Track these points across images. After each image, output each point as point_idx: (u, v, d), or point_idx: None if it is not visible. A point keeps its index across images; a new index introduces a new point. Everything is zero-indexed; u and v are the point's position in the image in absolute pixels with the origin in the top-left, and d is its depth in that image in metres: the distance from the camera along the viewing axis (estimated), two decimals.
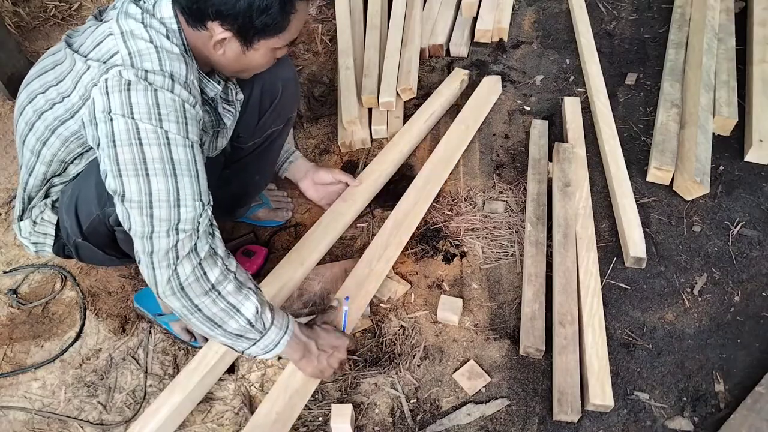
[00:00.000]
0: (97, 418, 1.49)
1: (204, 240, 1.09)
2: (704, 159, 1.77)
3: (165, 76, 1.06)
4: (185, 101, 1.09)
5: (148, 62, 1.06)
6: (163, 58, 1.08)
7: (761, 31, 2.07)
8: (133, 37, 1.08)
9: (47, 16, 2.60)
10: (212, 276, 1.11)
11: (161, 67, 1.07)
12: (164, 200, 1.04)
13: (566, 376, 1.39)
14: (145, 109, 1.03)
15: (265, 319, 1.21)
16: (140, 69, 1.05)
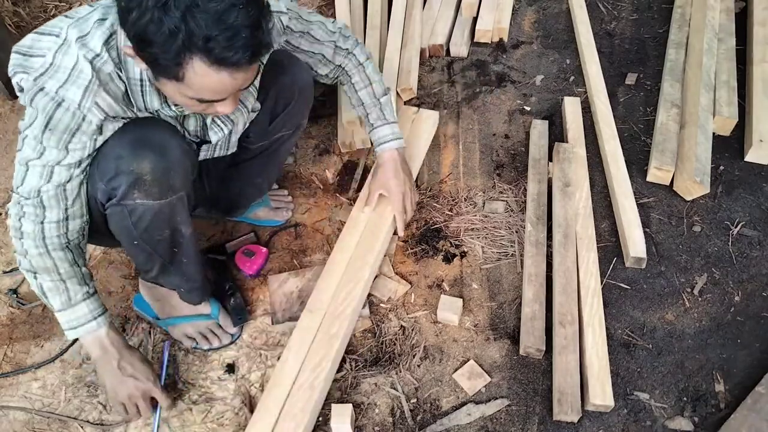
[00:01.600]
0: (97, 418, 1.49)
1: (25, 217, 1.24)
2: (704, 159, 1.77)
3: (53, 100, 1.10)
4: (63, 129, 1.13)
5: (54, 81, 1.10)
6: (68, 81, 1.10)
7: (761, 31, 2.07)
8: (64, 53, 1.10)
9: (47, 16, 2.60)
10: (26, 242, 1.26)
11: (57, 90, 1.10)
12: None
13: (566, 376, 1.39)
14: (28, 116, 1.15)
15: (72, 291, 1.30)
16: (38, 86, 1.10)
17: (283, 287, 1.64)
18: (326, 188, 1.92)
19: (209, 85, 1.05)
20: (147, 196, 1.23)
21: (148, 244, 1.34)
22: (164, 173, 1.22)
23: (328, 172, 1.96)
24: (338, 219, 1.83)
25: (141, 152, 1.19)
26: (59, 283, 1.29)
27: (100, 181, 1.22)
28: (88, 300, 1.33)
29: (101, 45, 1.10)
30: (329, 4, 2.51)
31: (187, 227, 1.37)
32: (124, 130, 1.20)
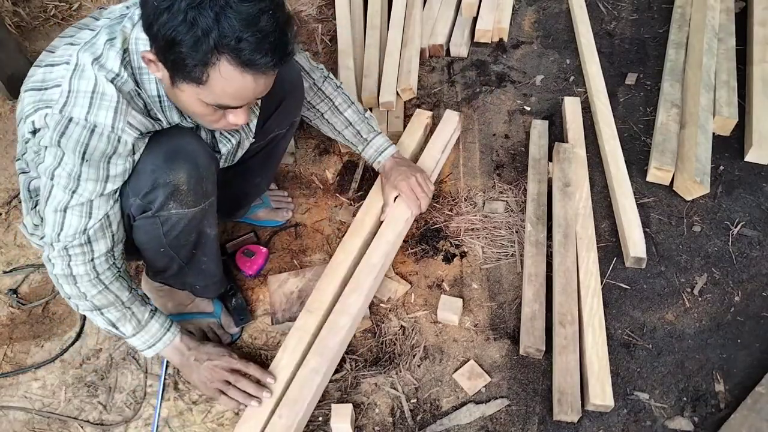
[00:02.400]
0: (97, 418, 1.49)
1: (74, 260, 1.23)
2: (704, 159, 1.77)
3: (85, 128, 1.09)
4: (101, 154, 1.12)
5: (78, 107, 1.09)
6: (93, 105, 1.09)
7: (761, 31, 2.07)
8: (79, 78, 1.10)
9: (47, 16, 2.60)
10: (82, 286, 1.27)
11: (87, 117, 1.09)
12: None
13: (566, 376, 1.40)
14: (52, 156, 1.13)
15: (138, 313, 1.33)
16: (66, 117, 1.08)
17: (283, 287, 1.64)
18: (326, 188, 1.92)
19: (232, 88, 1.05)
20: (183, 205, 1.24)
21: (173, 249, 1.35)
22: (198, 181, 1.24)
23: (328, 172, 1.96)
24: (338, 219, 1.83)
25: (175, 164, 1.19)
26: (125, 311, 1.31)
27: (135, 197, 1.21)
28: (156, 316, 1.36)
29: (119, 65, 1.10)
30: (329, 4, 2.51)
31: (212, 229, 1.39)
32: (154, 144, 1.20)
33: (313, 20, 2.48)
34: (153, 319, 1.35)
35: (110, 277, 1.28)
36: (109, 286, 1.28)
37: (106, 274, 1.27)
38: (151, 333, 1.35)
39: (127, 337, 1.34)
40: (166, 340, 1.37)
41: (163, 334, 1.36)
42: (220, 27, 0.97)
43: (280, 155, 1.70)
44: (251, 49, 1.00)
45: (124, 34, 1.12)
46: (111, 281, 1.28)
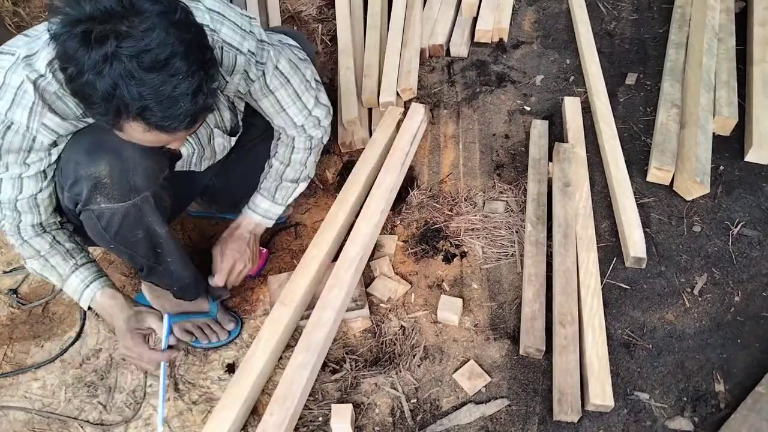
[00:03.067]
0: (97, 418, 1.49)
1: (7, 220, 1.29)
2: (704, 159, 1.77)
3: (2, 123, 1.11)
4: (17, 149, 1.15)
5: (3, 102, 1.10)
6: (15, 102, 1.10)
7: (761, 31, 2.07)
8: (13, 72, 1.10)
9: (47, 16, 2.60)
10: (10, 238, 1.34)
11: (6, 112, 1.10)
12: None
13: (566, 376, 1.39)
14: None
15: (58, 267, 1.35)
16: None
17: (283, 287, 1.64)
18: (326, 188, 1.92)
19: (149, 140, 1.06)
20: (109, 199, 1.24)
21: (124, 246, 1.34)
22: (122, 175, 1.22)
23: (328, 172, 1.96)
24: None
25: (97, 156, 1.20)
26: (45, 262, 1.35)
27: (63, 188, 1.24)
28: (77, 272, 1.36)
29: (45, 65, 1.08)
30: (329, 4, 2.51)
31: (161, 227, 1.36)
32: (80, 136, 1.20)
33: (313, 20, 2.48)
34: (73, 274, 1.35)
35: (30, 234, 1.32)
36: (27, 240, 1.32)
37: (28, 231, 1.31)
38: (73, 287, 1.36)
39: (61, 287, 1.38)
40: (86, 297, 1.36)
41: (83, 291, 1.36)
42: (121, 94, 0.95)
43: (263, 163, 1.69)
44: (159, 117, 0.98)
45: None
46: (31, 237, 1.32)
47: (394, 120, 1.94)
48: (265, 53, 1.31)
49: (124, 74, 0.93)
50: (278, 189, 1.59)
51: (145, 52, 0.93)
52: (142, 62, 0.93)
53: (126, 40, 0.92)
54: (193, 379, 1.54)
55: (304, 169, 1.60)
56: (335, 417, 1.38)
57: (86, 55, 0.93)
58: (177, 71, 0.96)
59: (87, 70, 0.94)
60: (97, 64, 0.93)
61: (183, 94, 0.97)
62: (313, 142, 1.56)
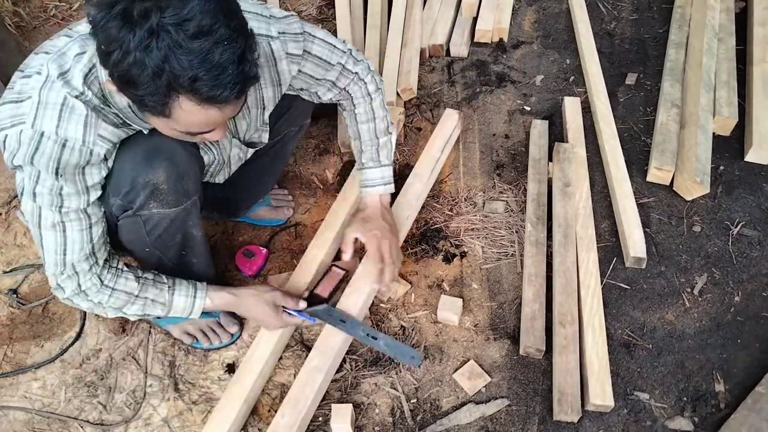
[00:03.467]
0: (97, 418, 1.49)
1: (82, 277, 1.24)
2: (704, 159, 1.77)
3: (57, 142, 1.07)
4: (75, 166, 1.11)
5: (48, 120, 1.07)
6: (62, 118, 1.07)
7: (761, 31, 2.07)
8: (49, 89, 1.07)
9: (47, 16, 2.60)
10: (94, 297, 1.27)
11: (57, 130, 1.07)
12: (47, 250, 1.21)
13: (566, 376, 1.39)
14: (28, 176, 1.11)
15: (158, 297, 1.33)
16: (37, 132, 1.06)
17: (283, 287, 1.64)
18: (326, 188, 1.92)
19: (197, 120, 1.03)
20: (164, 204, 1.24)
21: (159, 249, 1.35)
22: (178, 180, 1.23)
23: (328, 172, 1.96)
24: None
25: (154, 162, 1.19)
26: (144, 300, 1.31)
27: (115, 197, 1.20)
28: (177, 291, 1.35)
29: (81, 83, 1.07)
30: (329, 4, 2.51)
31: (198, 230, 1.38)
32: (132, 144, 1.18)
33: (313, 20, 2.48)
34: (175, 295, 1.35)
35: (113, 280, 1.27)
36: (115, 287, 1.27)
37: (107, 278, 1.26)
38: (181, 307, 1.36)
39: (165, 315, 1.36)
40: (198, 307, 1.37)
41: (193, 303, 1.37)
42: (172, 68, 0.92)
43: (288, 154, 1.70)
44: (209, 87, 0.95)
45: (95, 47, 1.07)
46: (115, 282, 1.27)
47: (394, 120, 1.94)
48: (294, 25, 1.28)
49: (172, 45, 0.91)
50: (379, 150, 1.53)
51: (189, 20, 0.91)
52: (187, 30, 0.90)
53: (167, 10, 0.90)
54: (193, 379, 1.54)
55: (387, 114, 1.54)
56: (335, 417, 1.38)
57: (131, 33, 0.90)
58: (221, 37, 0.93)
59: (134, 49, 0.91)
60: (143, 40, 0.90)
61: (229, 60, 0.95)
62: (377, 79, 1.49)
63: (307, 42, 1.31)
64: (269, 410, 1.46)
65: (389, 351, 1.46)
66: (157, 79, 0.93)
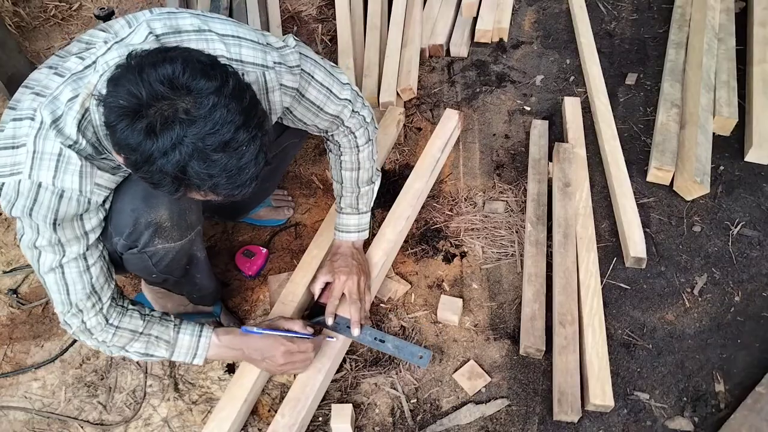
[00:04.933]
0: (97, 418, 1.49)
1: (86, 315, 1.21)
2: (704, 159, 1.77)
3: (54, 193, 1.06)
4: (72, 216, 1.10)
5: (45, 170, 1.04)
6: (59, 169, 1.05)
7: (761, 31, 2.07)
8: (44, 138, 1.04)
9: (47, 16, 2.60)
10: (98, 336, 1.25)
11: (53, 181, 1.05)
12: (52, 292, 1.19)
13: (566, 376, 1.39)
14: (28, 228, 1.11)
15: (163, 335, 1.29)
16: (35, 183, 1.05)
17: (283, 287, 1.64)
18: (326, 188, 1.92)
19: (212, 198, 1.03)
20: (168, 240, 1.24)
21: (165, 273, 1.35)
22: (181, 215, 1.23)
23: (328, 172, 1.96)
24: None
25: (155, 201, 1.18)
26: (147, 338, 1.28)
27: (118, 236, 1.20)
28: (182, 329, 1.30)
29: (75, 131, 1.04)
30: (329, 4, 2.51)
31: (202, 252, 1.39)
32: (131, 183, 1.17)
33: (313, 20, 2.48)
34: (180, 333, 1.30)
35: (117, 318, 1.25)
36: (119, 325, 1.24)
37: (113, 317, 1.24)
38: (186, 346, 1.30)
39: (168, 359, 1.31)
40: (203, 346, 1.31)
41: (198, 342, 1.31)
42: (191, 175, 0.93)
43: (289, 161, 1.71)
44: (229, 189, 0.97)
45: (88, 90, 1.05)
46: (120, 320, 1.24)
47: (394, 120, 1.94)
48: (290, 57, 1.22)
49: (192, 157, 0.92)
50: (359, 198, 1.54)
51: (211, 135, 0.91)
52: (208, 145, 0.92)
53: (192, 127, 0.91)
54: (193, 379, 1.54)
55: (373, 164, 1.52)
56: (335, 417, 1.38)
57: (153, 145, 0.90)
58: (241, 144, 0.94)
59: (155, 159, 0.92)
60: (166, 153, 0.91)
61: (248, 162, 0.96)
62: (369, 130, 1.46)
63: (303, 81, 1.26)
64: (269, 410, 1.47)
65: (398, 353, 1.47)
66: (176, 182, 0.95)
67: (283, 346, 1.34)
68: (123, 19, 1.14)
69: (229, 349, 1.34)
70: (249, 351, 1.34)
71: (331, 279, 1.51)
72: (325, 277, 1.52)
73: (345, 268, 1.50)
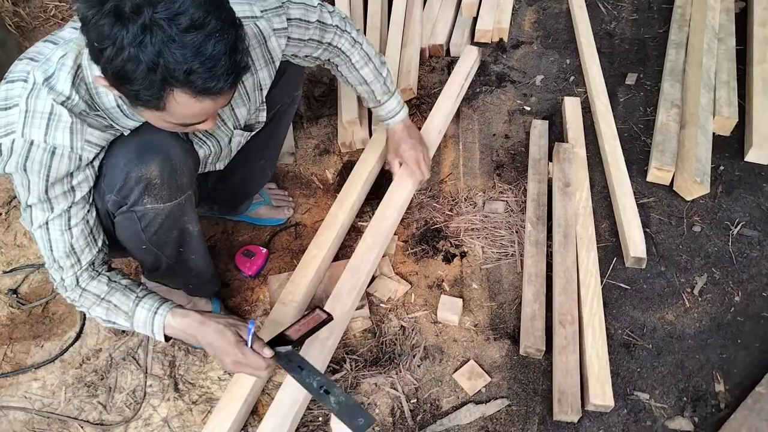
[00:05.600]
0: (97, 418, 1.49)
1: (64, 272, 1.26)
2: (704, 159, 1.77)
3: (46, 150, 1.09)
4: (64, 174, 1.13)
5: (37, 128, 1.07)
6: (50, 127, 1.08)
7: (761, 31, 2.07)
8: (36, 97, 1.07)
9: (47, 16, 2.60)
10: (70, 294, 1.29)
11: (45, 138, 1.08)
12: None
13: (566, 376, 1.40)
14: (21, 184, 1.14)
15: (122, 305, 1.29)
16: (27, 141, 1.07)
17: (283, 287, 1.64)
18: (326, 188, 1.92)
19: (191, 112, 1.04)
20: (157, 199, 1.24)
21: (156, 247, 1.34)
22: (172, 174, 1.23)
23: (328, 172, 1.96)
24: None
25: (147, 157, 1.19)
26: (108, 304, 1.29)
27: (110, 193, 1.21)
28: (141, 303, 1.30)
29: (69, 87, 1.07)
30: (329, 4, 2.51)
31: (194, 225, 1.38)
32: (126, 139, 1.19)
33: None
34: (138, 307, 1.28)
35: (87, 281, 1.28)
36: (86, 288, 1.27)
37: (83, 278, 1.27)
38: (142, 320, 1.29)
39: (131, 329, 1.32)
40: (158, 324, 1.28)
41: (153, 319, 1.28)
42: (166, 62, 0.93)
43: (283, 133, 1.68)
44: (204, 79, 0.96)
45: (79, 47, 1.08)
46: (88, 283, 1.28)
47: None
48: (274, 1, 1.31)
49: (165, 40, 0.92)
50: (386, 82, 1.65)
51: (181, 14, 0.92)
52: (179, 24, 0.92)
53: (159, 5, 0.91)
54: (193, 379, 1.54)
55: (373, 48, 1.62)
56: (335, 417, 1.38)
57: (124, 29, 0.91)
58: (213, 30, 0.95)
59: (127, 45, 0.92)
60: (136, 36, 0.91)
61: (222, 51, 0.96)
62: (350, 23, 1.53)
63: (285, 7, 1.33)
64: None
65: (338, 410, 1.23)
66: (151, 73, 0.94)
67: (232, 355, 1.27)
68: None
69: (184, 333, 1.31)
70: (202, 341, 1.30)
71: (402, 158, 1.73)
72: (395, 158, 1.75)
73: (410, 147, 1.71)
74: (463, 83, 2.06)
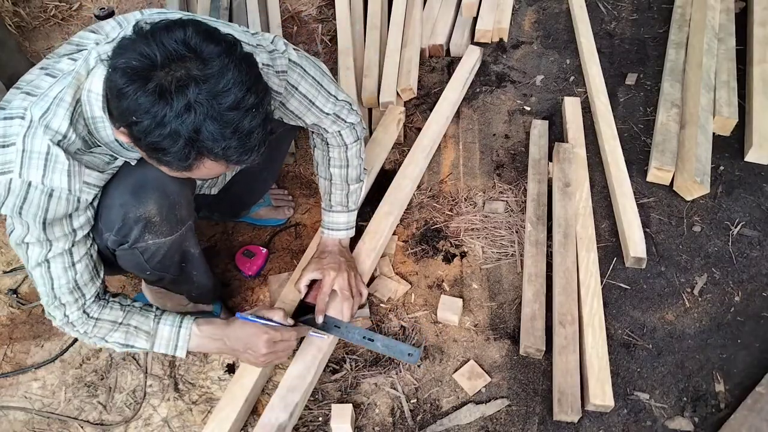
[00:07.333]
0: (97, 418, 1.49)
1: (68, 309, 1.23)
2: (704, 159, 1.77)
3: (43, 193, 1.06)
4: (62, 215, 1.10)
5: (35, 169, 1.05)
6: (47, 168, 1.05)
7: (761, 31, 2.07)
8: (32, 137, 1.04)
9: (47, 16, 2.60)
10: (80, 328, 1.27)
11: (43, 180, 1.05)
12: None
13: (566, 376, 1.39)
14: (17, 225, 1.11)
15: (143, 325, 1.29)
16: (25, 182, 1.05)
17: (283, 287, 1.64)
18: None
19: (215, 172, 1.04)
20: (158, 235, 1.23)
21: (159, 271, 1.34)
22: (170, 210, 1.22)
23: None
24: None
25: (143, 196, 1.18)
26: (127, 328, 1.28)
27: (108, 232, 1.20)
28: (162, 320, 1.30)
29: (67, 125, 1.04)
30: (329, 4, 2.51)
31: (195, 248, 1.38)
32: (120, 178, 1.17)
33: (313, 20, 2.49)
34: (160, 324, 1.30)
35: (98, 310, 1.26)
36: (99, 317, 1.26)
37: (93, 310, 1.25)
38: (166, 337, 1.30)
39: (149, 350, 1.31)
40: (184, 337, 1.30)
41: (178, 333, 1.30)
42: (204, 137, 0.93)
43: (284, 151, 1.68)
44: (239, 153, 0.97)
45: (78, 82, 1.05)
46: (100, 312, 1.26)
47: (394, 120, 1.95)
48: (278, 61, 1.25)
49: (205, 117, 0.92)
50: (348, 196, 1.54)
51: (223, 93, 0.92)
52: (221, 104, 0.92)
53: (204, 85, 0.91)
54: (193, 379, 1.54)
55: (362, 163, 1.53)
56: (335, 417, 1.38)
57: (167, 107, 0.91)
58: (251, 106, 0.96)
59: (168, 123, 0.92)
60: (180, 114, 0.91)
61: (256, 126, 0.97)
62: (357, 130, 1.47)
63: (286, 93, 1.29)
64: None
65: (387, 351, 1.46)
66: (188, 147, 0.94)
67: (266, 334, 1.32)
68: (114, 20, 1.15)
69: (211, 340, 1.33)
70: (231, 341, 1.33)
71: (319, 276, 1.49)
72: (312, 274, 1.50)
73: (334, 265, 1.49)
74: (467, 77, 2.07)
